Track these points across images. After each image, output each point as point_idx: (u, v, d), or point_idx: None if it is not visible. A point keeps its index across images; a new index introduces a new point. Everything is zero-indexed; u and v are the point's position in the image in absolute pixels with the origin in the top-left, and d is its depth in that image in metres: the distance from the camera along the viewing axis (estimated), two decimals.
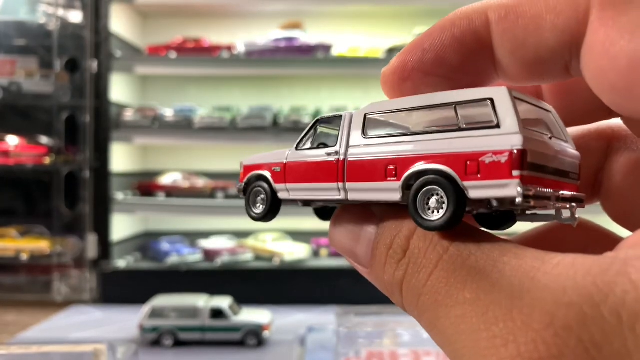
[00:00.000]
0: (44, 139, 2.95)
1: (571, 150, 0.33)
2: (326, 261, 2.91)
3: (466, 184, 0.30)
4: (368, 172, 0.35)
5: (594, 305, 0.21)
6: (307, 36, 3.05)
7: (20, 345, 1.14)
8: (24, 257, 2.83)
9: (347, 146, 0.37)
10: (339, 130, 0.38)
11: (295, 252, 2.84)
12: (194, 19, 3.28)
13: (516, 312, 0.23)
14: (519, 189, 0.28)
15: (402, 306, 0.30)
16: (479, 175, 0.29)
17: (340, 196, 0.36)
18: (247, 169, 0.44)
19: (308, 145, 0.40)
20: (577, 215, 0.32)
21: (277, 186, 0.41)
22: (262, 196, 0.42)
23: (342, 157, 0.37)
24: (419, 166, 0.32)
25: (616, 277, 0.21)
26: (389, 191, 0.34)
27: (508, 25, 0.29)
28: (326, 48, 2.97)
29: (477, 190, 0.30)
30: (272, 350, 2.03)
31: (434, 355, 1.47)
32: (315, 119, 0.41)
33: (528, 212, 0.33)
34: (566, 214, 0.32)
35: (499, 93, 0.30)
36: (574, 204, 0.31)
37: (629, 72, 0.26)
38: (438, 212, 0.31)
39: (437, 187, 0.31)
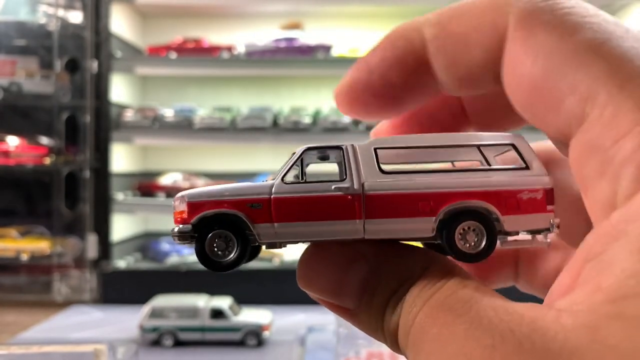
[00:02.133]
0: (44, 139, 2.95)
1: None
2: None
3: (504, 217, 0.33)
4: (394, 208, 0.34)
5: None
6: (307, 36, 3.05)
7: (20, 345, 1.14)
8: (24, 257, 2.83)
9: (360, 180, 0.34)
10: (343, 163, 0.35)
11: (294, 252, 2.84)
12: (194, 19, 3.28)
13: (467, 349, 0.25)
14: (552, 221, 0.33)
15: (393, 345, 0.31)
16: (518, 210, 0.33)
17: (357, 235, 0.33)
18: (196, 206, 0.36)
19: (292, 177, 0.36)
20: (548, 239, 0.35)
21: (258, 226, 0.34)
22: (229, 241, 0.36)
23: (358, 192, 0.34)
24: (459, 203, 0.33)
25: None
26: (420, 228, 0.34)
27: (440, 43, 0.31)
28: (326, 48, 2.98)
29: (513, 223, 0.33)
30: (272, 350, 2.04)
31: None
32: (303, 149, 0.37)
33: (510, 239, 0.35)
34: (540, 238, 0.34)
35: (518, 139, 0.34)
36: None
37: (530, 93, 0.28)
38: (474, 244, 0.33)
39: (476, 223, 0.33)
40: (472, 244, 0.33)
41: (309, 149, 0.37)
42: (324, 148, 0.36)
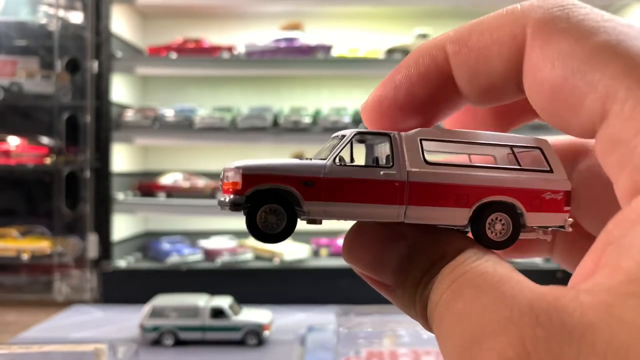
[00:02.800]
0: (45, 139, 2.95)
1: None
2: (326, 261, 2.91)
3: (528, 214, 0.37)
4: (435, 197, 0.36)
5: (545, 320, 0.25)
6: (307, 37, 3.05)
7: (21, 345, 1.15)
8: (25, 257, 2.83)
9: (406, 168, 0.36)
10: (391, 149, 0.37)
11: (295, 251, 2.85)
12: (194, 19, 3.29)
13: (486, 320, 0.26)
14: (568, 220, 0.38)
15: (424, 322, 0.33)
16: (540, 208, 0.37)
17: (398, 218, 0.36)
18: (251, 179, 0.36)
19: (347, 160, 0.37)
20: (548, 236, 0.39)
21: (309, 203, 0.36)
22: (279, 214, 0.37)
23: (403, 179, 0.36)
24: (491, 197, 0.37)
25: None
26: (456, 217, 0.36)
27: (462, 58, 0.33)
28: (326, 48, 2.98)
29: (535, 219, 0.38)
30: (272, 349, 2.04)
31: (434, 355, 1.47)
32: (354, 132, 0.38)
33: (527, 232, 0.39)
34: (543, 233, 0.39)
35: (544, 144, 0.38)
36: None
37: (552, 97, 0.29)
38: (501, 234, 0.37)
39: (505, 215, 0.37)
40: (499, 233, 0.37)
41: (358, 133, 0.38)
42: (374, 134, 0.38)
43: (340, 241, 2.33)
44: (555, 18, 0.29)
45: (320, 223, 0.37)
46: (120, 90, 3.03)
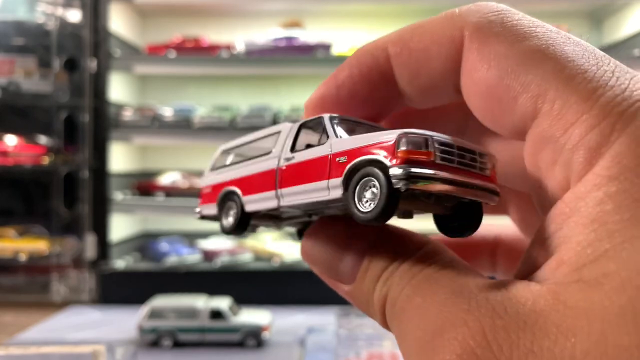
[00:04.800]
0: (43, 139, 2.94)
1: None
2: None
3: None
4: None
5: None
6: (307, 35, 3.04)
7: (18, 346, 1.14)
8: (23, 257, 2.82)
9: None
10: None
11: (295, 252, 2.83)
12: (193, 18, 3.27)
13: (445, 313, 0.28)
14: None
15: (382, 319, 0.33)
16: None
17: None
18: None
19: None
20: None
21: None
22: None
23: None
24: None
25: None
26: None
27: (403, 59, 0.34)
28: (326, 47, 2.97)
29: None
30: (271, 351, 2.03)
31: None
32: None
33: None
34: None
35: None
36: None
37: (487, 96, 0.31)
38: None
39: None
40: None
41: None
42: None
43: None
44: (491, 22, 0.30)
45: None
46: (119, 89, 3.01)
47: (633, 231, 0.24)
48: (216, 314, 2.05)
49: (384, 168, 0.31)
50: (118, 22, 2.97)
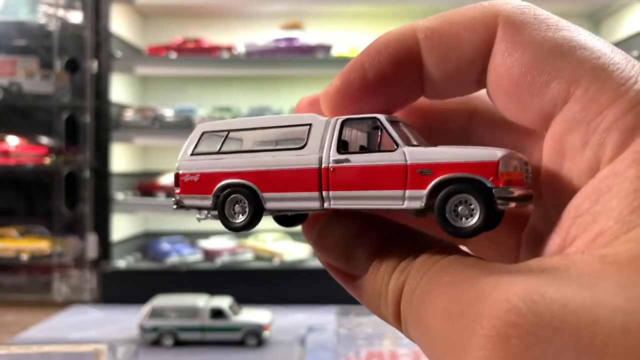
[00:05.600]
0: (44, 139, 2.95)
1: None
2: None
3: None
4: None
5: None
6: (307, 36, 3.05)
7: (20, 345, 1.14)
8: (24, 257, 2.83)
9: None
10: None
11: (295, 252, 2.84)
12: (194, 19, 3.28)
13: (482, 283, 0.26)
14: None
15: (395, 312, 0.32)
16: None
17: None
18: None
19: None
20: None
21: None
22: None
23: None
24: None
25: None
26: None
27: (434, 42, 0.34)
28: (326, 48, 2.97)
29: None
30: (272, 350, 2.03)
31: None
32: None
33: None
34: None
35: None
36: None
37: (519, 79, 0.31)
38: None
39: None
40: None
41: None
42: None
43: None
44: (524, 13, 0.32)
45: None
46: (120, 90, 3.02)
47: None
48: (217, 313, 2.06)
49: (484, 188, 0.33)
50: (119, 24, 2.98)
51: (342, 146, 0.37)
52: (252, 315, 2.12)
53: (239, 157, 0.40)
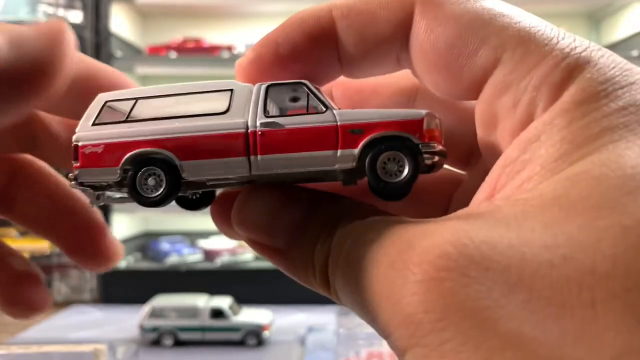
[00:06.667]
0: None
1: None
2: None
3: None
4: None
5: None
6: None
7: (20, 345, 1.15)
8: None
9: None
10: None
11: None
12: (194, 19, 3.28)
13: (410, 233, 0.27)
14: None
15: (323, 279, 0.32)
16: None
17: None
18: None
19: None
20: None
21: None
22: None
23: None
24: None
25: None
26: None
27: (350, 21, 0.34)
28: None
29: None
30: (272, 350, 2.04)
31: None
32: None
33: None
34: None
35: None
36: None
37: (445, 53, 0.31)
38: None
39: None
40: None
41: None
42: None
43: None
44: None
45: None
46: None
47: (604, 140, 0.25)
48: (217, 313, 2.06)
49: (412, 144, 0.34)
50: (119, 23, 2.98)
51: (269, 110, 0.36)
52: (252, 315, 2.12)
53: (151, 125, 0.37)
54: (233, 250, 2.87)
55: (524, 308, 0.22)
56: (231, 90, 0.37)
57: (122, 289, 2.73)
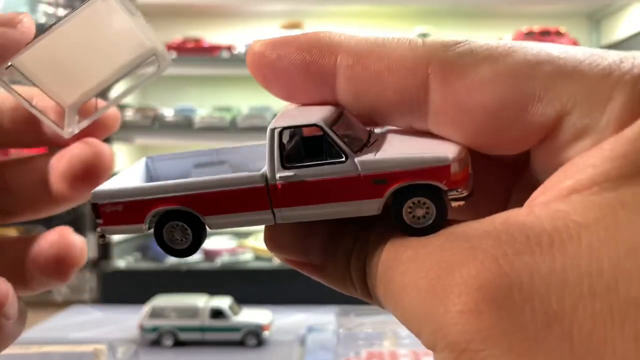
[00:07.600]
0: None
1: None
2: None
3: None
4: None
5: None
6: None
7: (20, 345, 1.14)
8: None
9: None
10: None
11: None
12: (193, 19, 3.28)
13: (447, 255, 0.26)
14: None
15: (363, 291, 0.32)
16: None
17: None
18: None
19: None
20: None
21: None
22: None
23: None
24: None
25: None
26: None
27: (354, 74, 0.31)
28: None
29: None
30: (272, 350, 2.04)
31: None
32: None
33: None
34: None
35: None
36: None
37: (492, 117, 0.28)
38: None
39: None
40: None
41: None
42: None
43: None
44: (461, 54, 0.29)
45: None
46: (120, 89, 3.02)
47: None
48: (217, 313, 2.06)
49: (439, 192, 0.32)
50: None
51: (286, 159, 0.34)
52: (252, 315, 2.12)
53: (169, 181, 0.36)
54: (233, 250, 2.88)
55: (564, 340, 0.22)
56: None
57: (122, 289, 2.73)
